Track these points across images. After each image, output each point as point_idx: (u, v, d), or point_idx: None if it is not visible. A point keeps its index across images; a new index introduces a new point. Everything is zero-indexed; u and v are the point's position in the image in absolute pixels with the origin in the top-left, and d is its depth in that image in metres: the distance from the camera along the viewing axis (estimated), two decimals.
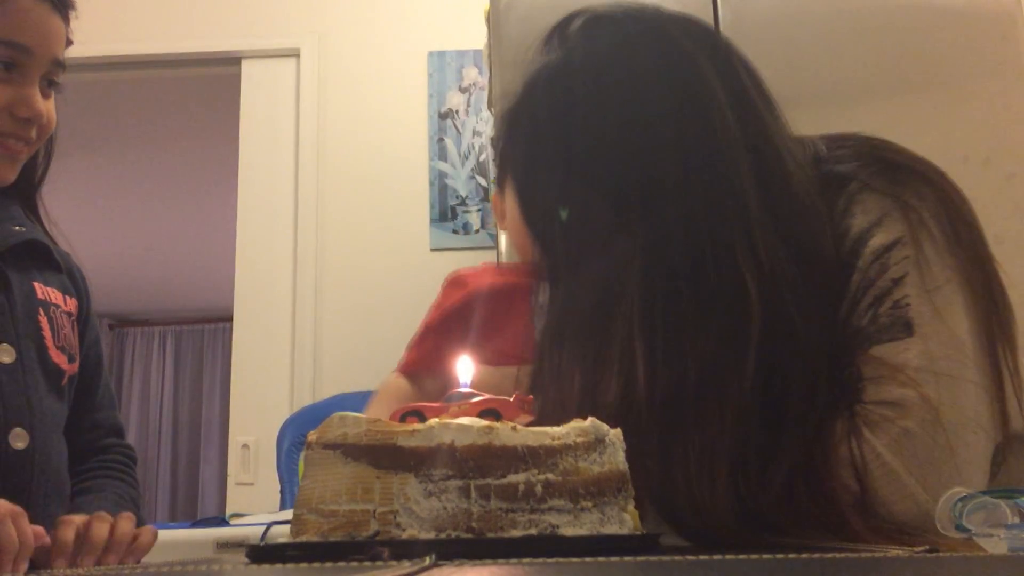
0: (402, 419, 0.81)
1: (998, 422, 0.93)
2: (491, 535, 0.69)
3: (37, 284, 1.26)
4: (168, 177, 5.66)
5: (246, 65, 3.66)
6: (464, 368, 0.92)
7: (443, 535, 0.69)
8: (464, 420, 0.73)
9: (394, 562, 0.65)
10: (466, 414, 0.78)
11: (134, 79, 4.07)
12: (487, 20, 2.38)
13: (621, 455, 0.77)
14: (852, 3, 2.16)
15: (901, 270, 0.94)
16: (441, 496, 0.69)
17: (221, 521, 2.45)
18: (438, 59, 3.58)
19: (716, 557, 0.68)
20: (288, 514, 1.42)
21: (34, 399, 1.19)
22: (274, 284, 3.48)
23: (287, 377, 3.42)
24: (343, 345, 3.40)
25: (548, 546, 0.69)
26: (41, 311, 1.24)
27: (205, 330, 8.14)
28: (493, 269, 1.30)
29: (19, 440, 1.16)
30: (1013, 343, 0.97)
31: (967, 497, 0.70)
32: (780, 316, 0.92)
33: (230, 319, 3.60)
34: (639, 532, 0.76)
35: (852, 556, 0.67)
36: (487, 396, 0.85)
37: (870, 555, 0.68)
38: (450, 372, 1.19)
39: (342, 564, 0.67)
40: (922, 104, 2.09)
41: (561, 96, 1.01)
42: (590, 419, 0.76)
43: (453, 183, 3.51)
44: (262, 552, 0.74)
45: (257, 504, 3.08)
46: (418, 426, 0.72)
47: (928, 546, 0.72)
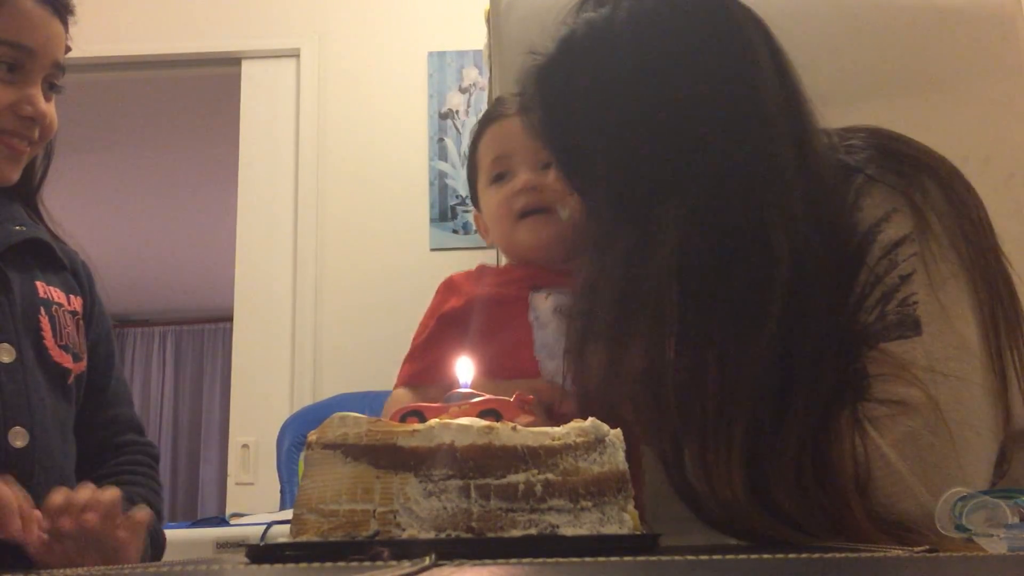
0: (402, 419, 0.80)
1: (1001, 422, 0.93)
2: (491, 535, 0.69)
3: (39, 283, 1.26)
4: (168, 177, 5.66)
5: (246, 65, 3.66)
6: (464, 368, 0.92)
7: (443, 535, 0.69)
8: (464, 420, 0.73)
9: (394, 562, 0.65)
10: (466, 414, 0.78)
11: (134, 79, 4.07)
12: (487, 20, 2.38)
13: (621, 455, 0.77)
14: (852, 3, 2.16)
15: (909, 267, 0.94)
16: (441, 496, 0.69)
17: (221, 521, 2.46)
18: (438, 59, 3.58)
19: (716, 557, 0.68)
20: (288, 514, 1.42)
21: (34, 398, 1.20)
22: (274, 284, 3.48)
23: (287, 377, 3.42)
24: (343, 345, 3.40)
25: (548, 546, 0.69)
26: (42, 310, 1.24)
27: (205, 330, 8.14)
28: (488, 271, 1.29)
29: (18, 439, 1.17)
30: (1019, 339, 0.96)
31: (967, 497, 0.70)
32: (803, 286, 0.93)
33: (230, 319, 3.60)
34: (639, 532, 0.76)
35: (852, 556, 0.67)
36: (487, 396, 0.85)
37: (870, 555, 0.68)
38: (450, 379, 1.19)
39: (342, 564, 0.67)
40: (922, 104, 2.09)
41: (606, 55, 1.01)
42: (590, 419, 0.76)
43: (453, 183, 3.51)
44: (262, 552, 0.74)
45: (257, 504, 3.08)
46: (418, 426, 0.72)
47: (928, 546, 0.72)
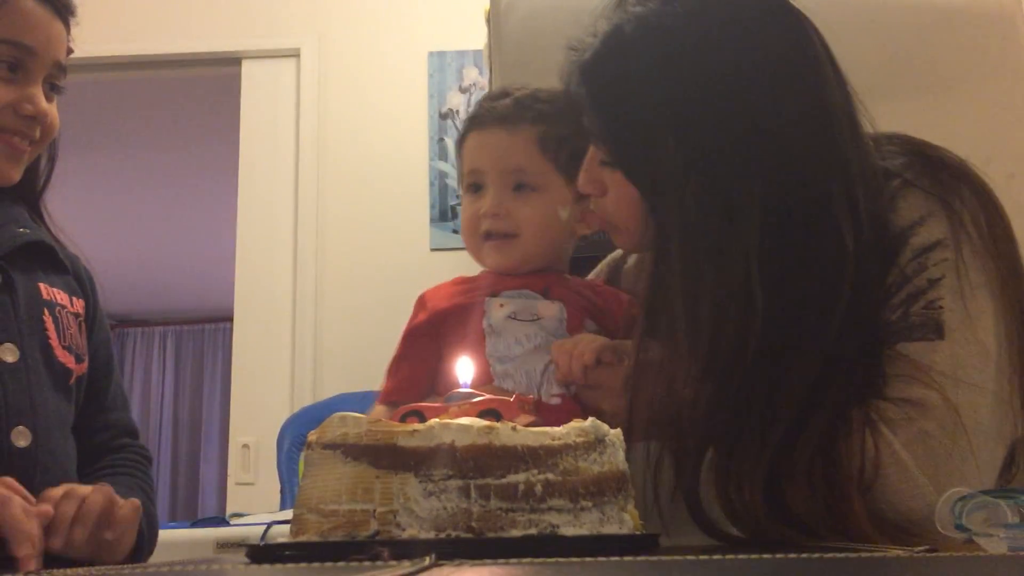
0: (402, 419, 0.81)
1: (1010, 428, 0.94)
2: (491, 535, 0.69)
3: (42, 285, 1.26)
4: (168, 177, 5.66)
5: (246, 65, 3.66)
6: (464, 368, 0.92)
7: (443, 535, 0.69)
8: (464, 420, 0.73)
9: (394, 562, 0.65)
10: (466, 414, 0.78)
11: (134, 79, 4.07)
12: (487, 20, 2.38)
13: (621, 455, 0.77)
14: (852, 4, 2.16)
15: (939, 272, 0.95)
16: (441, 496, 0.69)
17: (221, 521, 2.46)
18: (438, 59, 3.58)
19: (716, 557, 0.68)
20: (288, 514, 1.42)
21: (38, 398, 1.20)
22: (274, 284, 3.48)
23: (287, 377, 3.42)
24: (343, 345, 3.40)
25: (548, 546, 0.69)
26: (46, 311, 1.24)
27: (205, 330, 8.14)
28: (458, 281, 1.30)
29: (21, 438, 1.17)
30: None
31: (967, 497, 0.70)
32: (861, 281, 0.94)
33: (230, 319, 3.60)
34: (639, 532, 0.76)
35: (852, 556, 0.67)
36: (487, 396, 0.85)
37: (870, 555, 0.68)
38: (427, 392, 1.19)
39: (342, 564, 0.67)
40: (922, 104, 2.09)
41: (670, 48, 1.00)
42: (590, 419, 0.76)
43: (453, 183, 3.50)
44: (262, 552, 0.74)
45: (257, 504, 3.08)
46: (418, 426, 0.72)
47: (928, 546, 0.72)
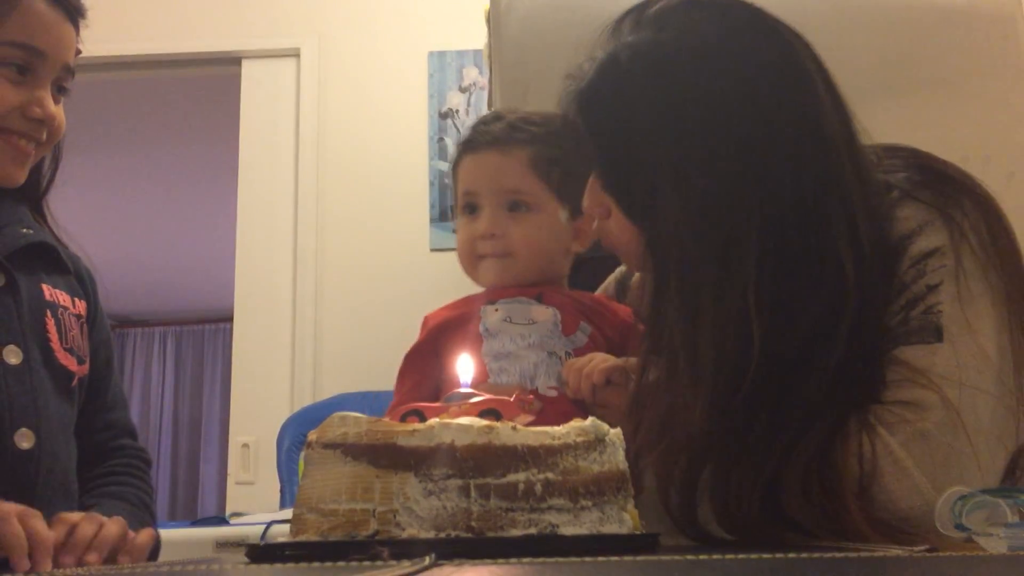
0: (402, 419, 0.80)
1: (1013, 433, 0.94)
2: (491, 534, 0.69)
3: (45, 286, 1.26)
4: (168, 177, 5.66)
5: (246, 65, 3.66)
6: (464, 368, 0.92)
7: (443, 534, 0.69)
8: (464, 420, 0.73)
9: (394, 562, 0.65)
10: (466, 414, 0.78)
11: (134, 79, 4.07)
12: (487, 20, 2.38)
13: (621, 455, 0.77)
14: (852, 4, 2.16)
15: (938, 277, 0.95)
16: (441, 495, 0.69)
17: (221, 520, 2.46)
18: (438, 59, 3.58)
19: (716, 557, 0.68)
20: (288, 514, 1.42)
21: (40, 400, 1.20)
22: (274, 284, 3.48)
23: (287, 377, 3.42)
24: (343, 345, 3.40)
25: (548, 545, 0.69)
26: (48, 312, 1.24)
27: (205, 330, 8.14)
28: (461, 301, 1.32)
29: (25, 440, 1.17)
30: None
31: (967, 496, 0.70)
32: (866, 297, 0.94)
33: (230, 319, 3.60)
34: (639, 532, 0.76)
35: (852, 556, 0.67)
36: (487, 396, 0.85)
37: (870, 555, 0.68)
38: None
39: (342, 564, 0.67)
40: (922, 104, 2.09)
41: (664, 78, 0.99)
42: (590, 419, 0.76)
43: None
44: (262, 551, 0.74)
45: (257, 504, 3.08)
46: (418, 426, 0.72)
47: (928, 546, 0.72)
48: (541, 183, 1.25)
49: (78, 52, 1.27)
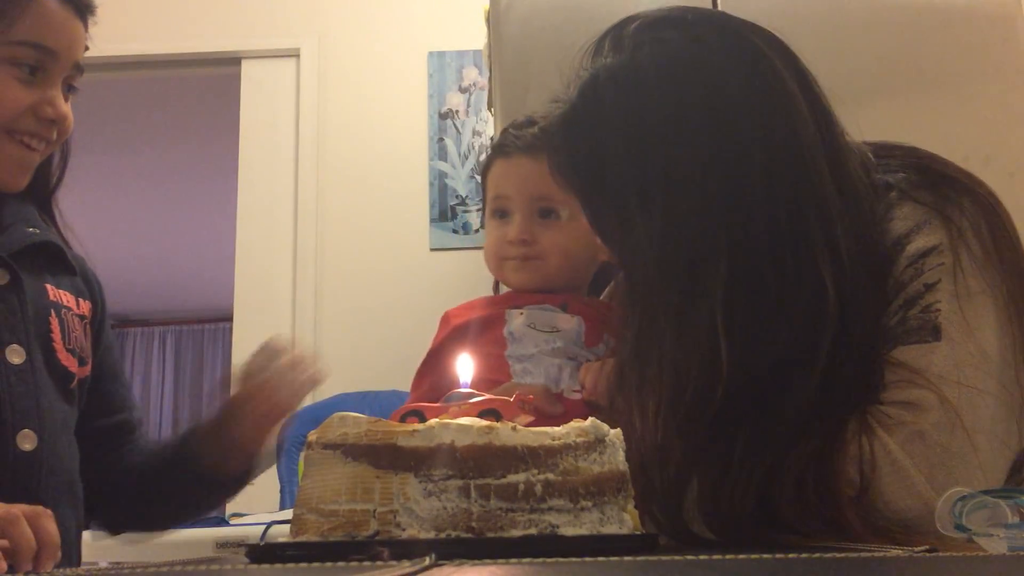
0: (402, 419, 0.80)
1: (1016, 434, 0.93)
2: (491, 535, 0.69)
3: (49, 286, 1.26)
4: (168, 177, 5.66)
5: (246, 65, 3.66)
6: (464, 368, 0.92)
7: (443, 535, 0.69)
8: (464, 420, 0.73)
9: (394, 562, 0.65)
10: (466, 414, 0.78)
11: (134, 79, 4.07)
12: (487, 20, 2.38)
13: (621, 455, 0.77)
14: (852, 3, 2.16)
15: (935, 276, 0.94)
16: (441, 496, 0.69)
17: (221, 521, 2.45)
18: (438, 59, 3.58)
19: (716, 557, 0.68)
20: (288, 514, 1.42)
21: (43, 401, 1.19)
22: (274, 284, 3.48)
23: None
24: (343, 345, 3.40)
25: (548, 546, 0.69)
26: (52, 313, 1.24)
27: (205, 330, 8.14)
28: (480, 300, 1.32)
29: (27, 441, 1.16)
30: None
31: (967, 497, 0.70)
32: (849, 318, 0.93)
33: (230, 319, 3.59)
34: (639, 532, 0.76)
35: (852, 556, 0.67)
36: (487, 396, 0.85)
37: (870, 555, 0.68)
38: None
39: (342, 564, 0.67)
40: (922, 104, 2.09)
41: (635, 100, 0.99)
42: (590, 419, 0.76)
43: (453, 183, 3.51)
44: (262, 552, 0.74)
45: (257, 504, 3.08)
46: (418, 426, 0.72)
47: (928, 546, 0.72)
48: None
49: (86, 48, 1.26)
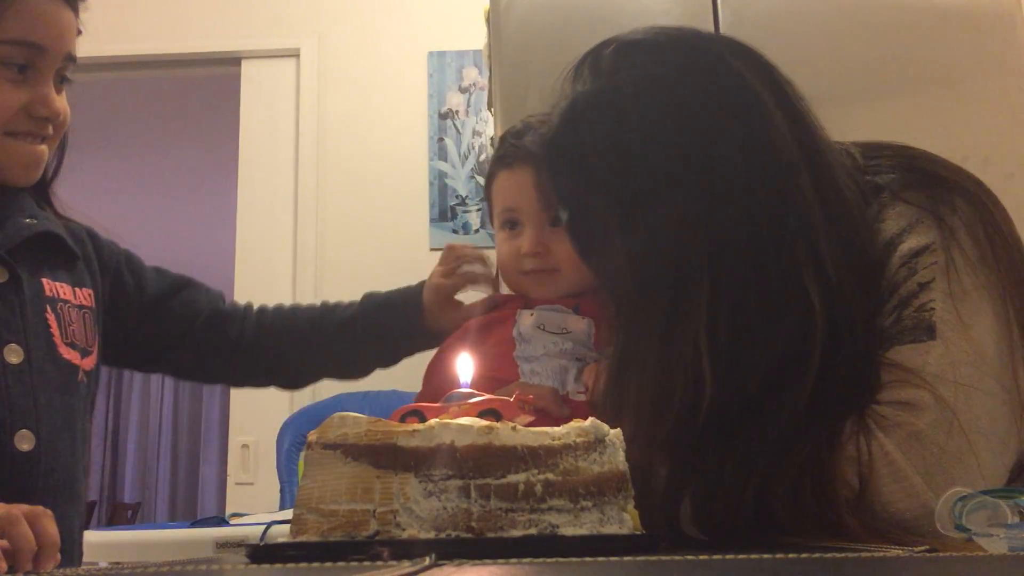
0: (402, 419, 0.80)
1: (1017, 436, 0.92)
2: (491, 535, 0.69)
3: (45, 280, 1.24)
4: (168, 177, 5.66)
5: (246, 65, 3.66)
6: (464, 368, 0.92)
7: (443, 535, 0.69)
8: (464, 420, 0.73)
9: (394, 562, 0.65)
10: (466, 414, 0.78)
11: (134, 79, 4.07)
12: (487, 20, 2.38)
13: (621, 455, 0.77)
14: (852, 3, 2.16)
15: (929, 275, 0.94)
16: (441, 496, 0.69)
17: (221, 521, 2.45)
18: (438, 59, 3.58)
19: (716, 557, 0.68)
20: (288, 514, 1.42)
21: (42, 399, 1.19)
22: (274, 284, 3.48)
23: None
24: None
25: (548, 546, 0.69)
26: (48, 308, 1.23)
27: None
28: (503, 301, 1.32)
29: (25, 442, 1.16)
30: None
31: (967, 497, 0.70)
32: (838, 329, 0.93)
33: None
34: (639, 532, 0.76)
35: (852, 556, 0.67)
36: (487, 396, 0.85)
37: (870, 555, 0.68)
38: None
39: (342, 564, 0.67)
40: (922, 104, 2.09)
41: (613, 125, 0.99)
42: (590, 419, 0.76)
43: (453, 183, 3.51)
44: (262, 552, 0.74)
45: (257, 504, 3.08)
46: (418, 426, 0.72)
47: (928, 546, 0.72)
48: None
49: (79, 32, 1.23)
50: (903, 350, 0.93)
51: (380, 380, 3.22)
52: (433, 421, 0.73)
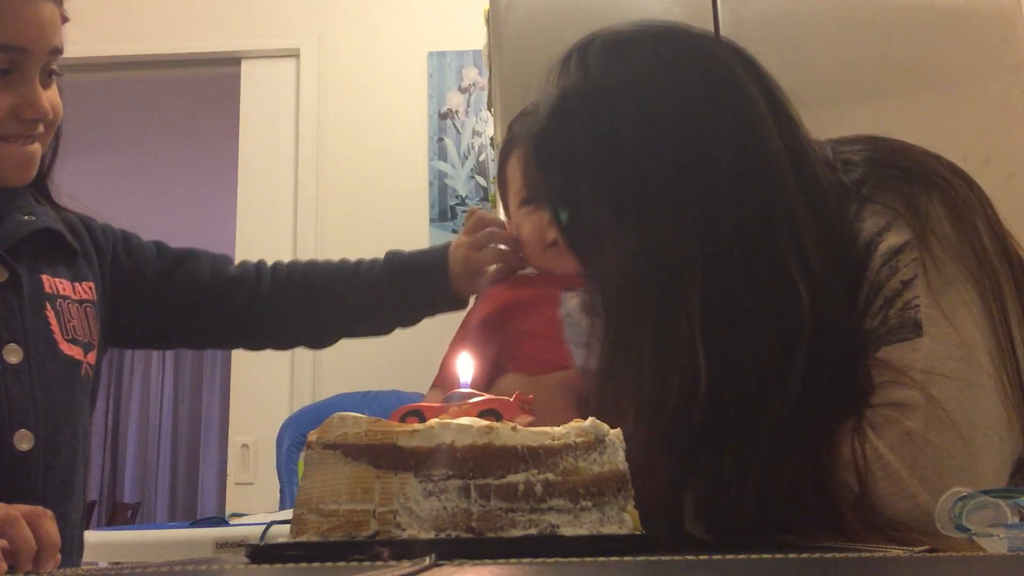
0: (402, 419, 0.80)
1: (1017, 426, 0.92)
2: (491, 535, 0.69)
3: (44, 277, 1.24)
4: (168, 177, 5.66)
5: (246, 65, 3.66)
6: (464, 368, 0.92)
7: (443, 535, 0.69)
8: (464, 420, 0.73)
9: (394, 562, 0.65)
10: (466, 414, 0.78)
11: (134, 79, 4.08)
12: (487, 20, 2.38)
13: (621, 455, 0.77)
14: (852, 3, 2.16)
15: (911, 272, 0.94)
16: (441, 496, 0.69)
17: (221, 521, 2.45)
18: (438, 59, 3.58)
19: (716, 557, 0.68)
20: (288, 514, 1.42)
21: (41, 398, 1.19)
22: None
23: (287, 377, 3.42)
24: (343, 345, 3.39)
25: (548, 546, 0.69)
26: (48, 305, 1.23)
27: None
28: (520, 278, 1.31)
29: (24, 441, 1.16)
30: None
31: (967, 497, 0.70)
32: (825, 320, 0.93)
33: None
34: (639, 532, 0.76)
35: (852, 556, 0.67)
36: (487, 396, 0.85)
37: (870, 555, 0.68)
38: (481, 380, 1.21)
39: (342, 564, 0.67)
40: (922, 104, 2.09)
41: (603, 122, 0.99)
42: (590, 419, 0.76)
43: (453, 183, 3.51)
44: (262, 552, 0.74)
45: (257, 504, 3.08)
46: (418, 426, 0.72)
47: (928, 546, 0.72)
48: None
49: (66, 19, 1.21)
50: (892, 350, 0.93)
51: (380, 380, 3.21)
52: (433, 421, 0.73)
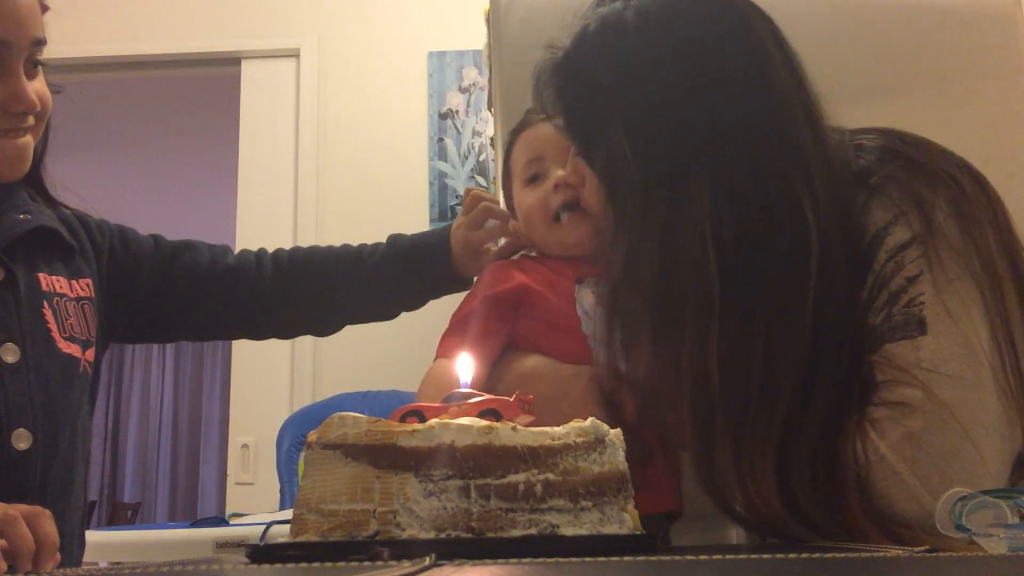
0: (402, 419, 0.80)
1: (1017, 426, 0.91)
2: (491, 535, 0.69)
3: (41, 275, 1.24)
4: (168, 177, 5.66)
5: (246, 65, 3.66)
6: (464, 367, 0.92)
7: (443, 535, 0.69)
8: (464, 420, 0.73)
9: (394, 562, 0.65)
10: (466, 414, 0.78)
11: (134, 79, 4.07)
12: (487, 20, 2.38)
13: (621, 455, 0.77)
14: (852, 3, 2.16)
15: (916, 268, 0.94)
16: (441, 496, 0.69)
17: (221, 521, 2.45)
18: (438, 59, 3.58)
19: (716, 557, 0.68)
20: (288, 514, 1.42)
21: (39, 398, 1.18)
22: None
23: (287, 377, 3.42)
24: (343, 345, 3.38)
25: (548, 546, 0.69)
26: (45, 304, 1.22)
27: None
28: (534, 262, 1.30)
29: (21, 441, 1.16)
30: None
31: (967, 497, 0.70)
32: (828, 252, 0.95)
33: None
34: (639, 532, 0.76)
35: (852, 556, 0.67)
36: (487, 396, 0.85)
37: (870, 555, 0.68)
38: (495, 358, 1.19)
39: (342, 564, 0.67)
40: (922, 104, 2.09)
41: (617, 45, 1.04)
42: (590, 419, 0.76)
43: (453, 183, 3.51)
44: (262, 552, 0.74)
45: (257, 504, 3.08)
46: (418, 426, 0.72)
47: (928, 546, 0.72)
48: None
49: (46, 8, 1.19)
50: (895, 347, 0.93)
51: (380, 380, 3.21)
52: (433, 421, 0.73)
